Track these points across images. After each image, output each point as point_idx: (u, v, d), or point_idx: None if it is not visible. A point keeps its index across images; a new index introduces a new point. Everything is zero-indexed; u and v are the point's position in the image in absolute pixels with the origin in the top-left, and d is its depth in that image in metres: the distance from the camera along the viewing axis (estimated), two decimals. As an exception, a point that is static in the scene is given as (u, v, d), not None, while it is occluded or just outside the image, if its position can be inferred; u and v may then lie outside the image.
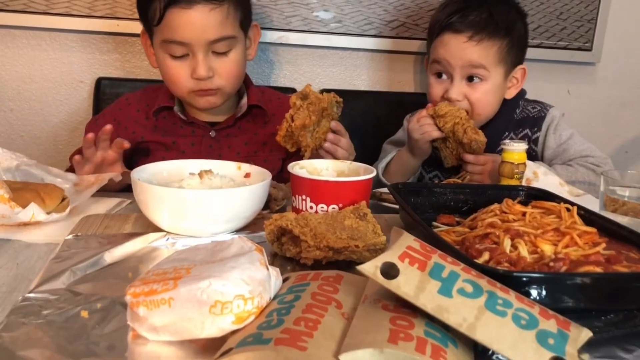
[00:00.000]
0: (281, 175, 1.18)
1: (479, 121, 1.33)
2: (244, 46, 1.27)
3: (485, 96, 1.32)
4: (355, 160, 1.12)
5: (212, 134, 1.30)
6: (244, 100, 1.33)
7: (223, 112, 1.33)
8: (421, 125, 1.28)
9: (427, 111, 1.28)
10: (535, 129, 1.39)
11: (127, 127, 1.29)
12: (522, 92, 1.43)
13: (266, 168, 0.91)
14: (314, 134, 1.09)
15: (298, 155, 1.16)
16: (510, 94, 1.39)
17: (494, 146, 1.27)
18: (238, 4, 1.21)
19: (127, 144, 1.10)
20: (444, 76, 1.33)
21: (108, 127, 1.07)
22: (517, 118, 1.41)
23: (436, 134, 1.26)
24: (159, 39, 1.20)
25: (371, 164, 0.94)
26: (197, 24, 1.16)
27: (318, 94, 1.08)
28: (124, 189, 1.12)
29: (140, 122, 1.30)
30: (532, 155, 1.38)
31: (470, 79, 1.31)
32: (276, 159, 1.33)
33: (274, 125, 1.32)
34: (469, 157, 1.24)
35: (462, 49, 1.28)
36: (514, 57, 1.34)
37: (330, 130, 1.13)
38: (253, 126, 1.33)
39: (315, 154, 1.14)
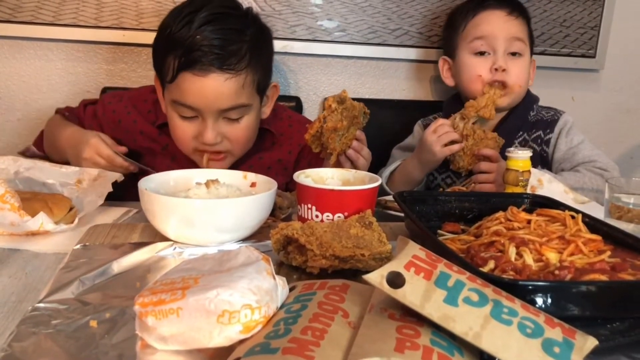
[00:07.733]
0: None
1: (515, 95, 1.40)
2: (258, 109, 1.21)
3: (523, 70, 1.42)
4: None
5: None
6: None
7: None
8: (439, 136, 1.31)
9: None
10: (548, 130, 1.44)
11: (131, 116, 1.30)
12: (536, 98, 1.49)
13: None
14: (342, 138, 1.09)
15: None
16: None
17: (508, 144, 1.34)
18: (257, 70, 1.15)
19: (133, 168, 1.15)
20: (486, 53, 1.41)
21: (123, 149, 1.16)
22: (532, 120, 1.46)
23: (457, 147, 1.31)
24: (169, 96, 1.16)
25: (375, 171, 0.95)
26: (209, 92, 1.10)
27: (353, 101, 1.08)
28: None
29: (145, 121, 1.29)
30: (543, 157, 1.43)
31: (511, 54, 1.41)
32: (280, 182, 1.28)
33: (280, 147, 1.31)
34: (487, 152, 1.30)
35: (504, 21, 1.41)
36: (531, 44, 1.47)
37: (355, 138, 1.13)
38: (259, 148, 1.31)
39: (336, 160, 1.14)
